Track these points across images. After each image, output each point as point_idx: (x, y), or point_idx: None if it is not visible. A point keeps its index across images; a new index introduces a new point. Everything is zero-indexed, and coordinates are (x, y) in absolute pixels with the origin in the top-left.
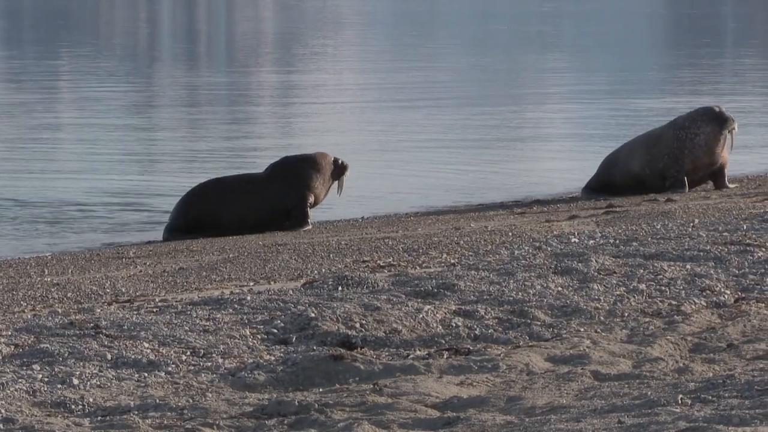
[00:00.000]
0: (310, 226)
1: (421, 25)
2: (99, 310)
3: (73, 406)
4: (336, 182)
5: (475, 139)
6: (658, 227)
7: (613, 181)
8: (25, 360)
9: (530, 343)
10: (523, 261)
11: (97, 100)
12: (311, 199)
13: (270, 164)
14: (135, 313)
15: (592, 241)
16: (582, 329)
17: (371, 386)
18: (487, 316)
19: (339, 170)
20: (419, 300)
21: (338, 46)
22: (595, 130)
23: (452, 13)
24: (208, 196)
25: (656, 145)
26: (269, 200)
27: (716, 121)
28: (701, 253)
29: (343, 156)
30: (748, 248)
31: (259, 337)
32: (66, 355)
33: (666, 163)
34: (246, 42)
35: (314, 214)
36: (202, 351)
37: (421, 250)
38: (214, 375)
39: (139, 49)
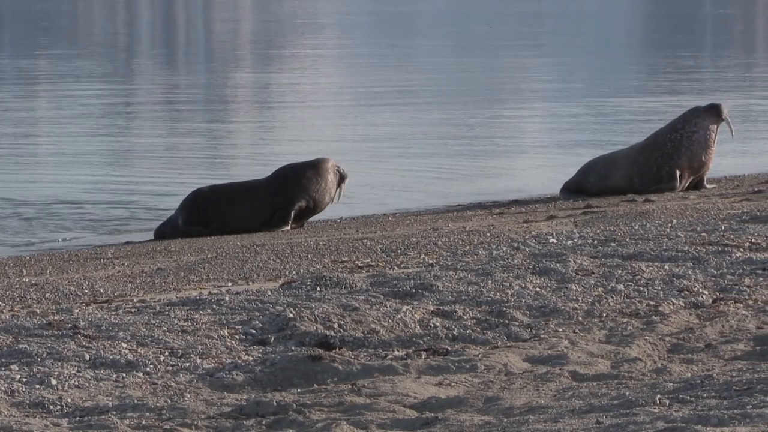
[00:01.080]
0: (288, 227)
1: (401, 26)
2: (77, 311)
3: (51, 407)
4: (338, 190)
5: (454, 140)
6: (637, 228)
7: (586, 189)
8: (3, 360)
9: (508, 344)
10: (501, 261)
11: (74, 98)
12: (303, 204)
13: (273, 171)
14: (113, 313)
15: (570, 242)
16: (560, 330)
17: (349, 387)
18: (465, 317)
19: (339, 178)
20: (397, 300)
21: (316, 46)
22: (573, 129)
23: (433, 13)
24: (211, 202)
25: (644, 152)
26: (270, 207)
27: (710, 113)
28: (679, 254)
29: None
30: (726, 249)
31: (238, 337)
32: (44, 355)
33: (659, 163)
34: (224, 42)
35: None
36: (180, 351)
37: (399, 251)
38: (193, 375)
39: (118, 50)
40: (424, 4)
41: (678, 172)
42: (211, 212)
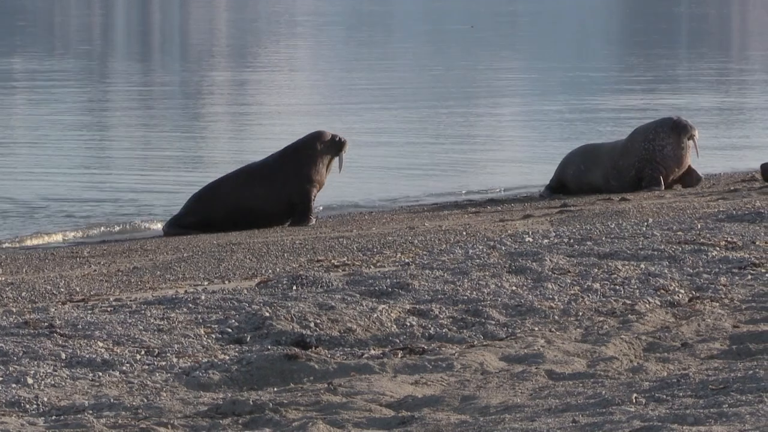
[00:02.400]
0: (314, 221)
1: (378, 25)
2: (53, 310)
3: (27, 406)
4: (336, 158)
5: (433, 138)
6: (613, 226)
7: (566, 185)
8: None
9: (485, 343)
10: (477, 260)
11: (51, 97)
12: (315, 192)
13: (271, 155)
14: (89, 312)
15: (546, 241)
16: (536, 328)
17: (326, 385)
18: (441, 316)
19: (337, 146)
20: (374, 299)
21: (293, 45)
22: (550, 128)
23: (407, 12)
24: (217, 194)
25: (623, 158)
26: (272, 194)
27: (676, 131)
28: (655, 253)
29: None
30: (702, 247)
31: (214, 336)
32: (20, 354)
33: (638, 167)
34: (201, 41)
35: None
36: (156, 350)
37: (375, 250)
38: (169, 374)
39: (94, 48)
40: (399, 4)
41: (660, 176)
42: (219, 197)
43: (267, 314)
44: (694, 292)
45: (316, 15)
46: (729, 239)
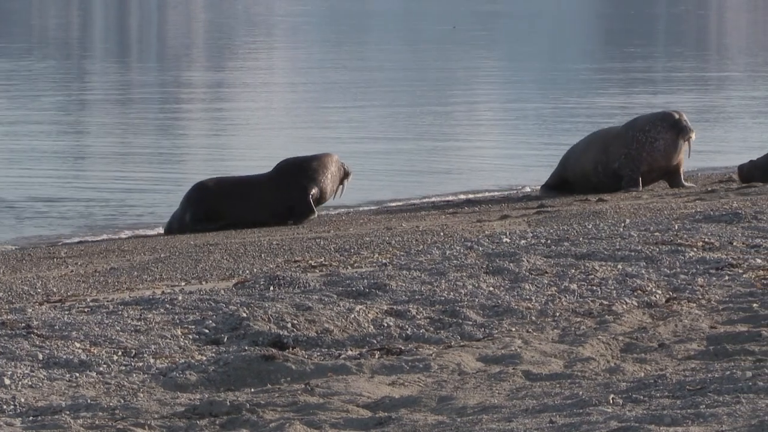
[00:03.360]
0: (315, 215)
1: (357, 24)
2: (30, 310)
3: (4, 406)
4: (340, 185)
5: (410, 139)
6: (590, 227)
7: (567, 179)
8: None
9: (462, 343)
10: (454, 261)
11: (28, 96)
12: (315, 191)
13: (276, 165)
14: (66, 313)
15: (523, 241)
16: (513, 329)
17: (303, 386)
18: (418, 316)
19: (343, 174)
20: (351, 300)
21: (271, 44)
22: (530, 129)
23: (386, 12)
24: (214, 195)
25: (613, 144)
26: (276, 200)
27: (675, 129)
28: (632, 253)
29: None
30: (679, 248)
31: (191, 337)
32: None
33: (622, 162)
34: (178, 41)
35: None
36: (133, 351)
37: (352, 250)
38: (146, 375)
39: (72, 48)
40: (377, 3)
41: (638, 177)
42: (217, 207)
43: (244, 315)
44: (671, 293)
45: (295, 15)
46: (706, 240)
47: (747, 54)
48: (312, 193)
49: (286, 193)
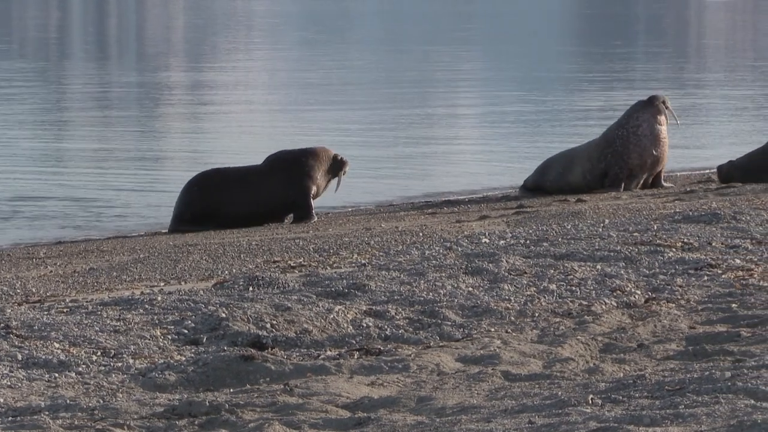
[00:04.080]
0: (315, 219)
1: (336, 25)
2: (9, 311)
3: None
4: (335, 178)
5: (389, 139)
6: (569, 227)
7: (544, 187)
8: None
9: (441, 344)
10: (433, 261)
11: (5, 96)
12: (314, 191)
13: (268, 156)
14: (45, 313)
15: (502, 242)
16: (492, 329)
17: (282, 386)
18: (397, 317)
19: (338, 165)
20: (330, 300)
21: (249, 45)
22: (508, 129)
23: (366, 12)
24: (209, 187)
25: (596, 150)
26: (271, 193)
27: (648, 105)
28: (612, 254)
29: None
30: (658, 248)
31: (170, 337)
32: None
33: (609, 161)
34: (156, 41)
35: None
36: (112, 351)
37: (331, 251)
38: (125, 375)
39: (50, 48)
40: (356, 3)
41: (623, 179)
42: (213, 198)
43: (223, 315)
44: (650, 293)
45: (273, 16)
46: (685, 240)
47: (726, 54)
48: (312, 193)
49: (280, 186)
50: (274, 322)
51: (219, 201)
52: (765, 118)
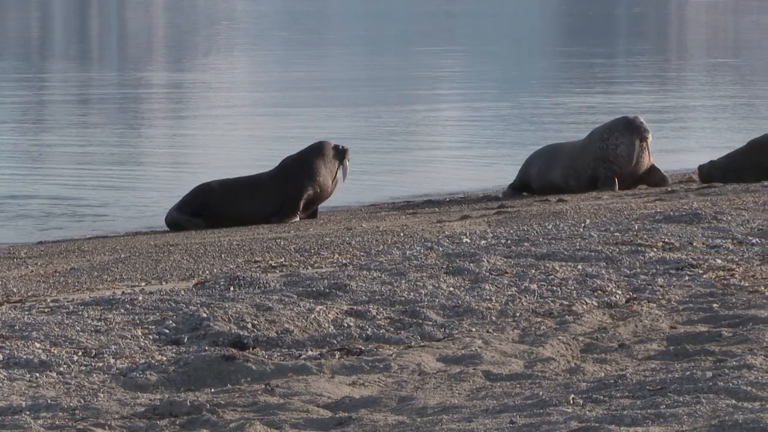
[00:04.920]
0: (297, 219)
1: (319, 25)
2: None
3: None
4: (340, 168)
5: (369, 139)
6: (550, 227)
7: (529, 183)
8: None
9: (422, 343)
10: (414, 261)
11: None
12: (310, 192)
13: (276, 165)
14: (26, 313)
15: (483, 242)
16: (474, 329)
17: (263, 386)
18: (378, 317)
19: (339, 155)
20: (311, 300)
21: (230, 46)
22: (488, 129)
23: (346, 12)
24: (216, 197)
25: (580, 157)
26: (275, 201)
27: (629, 131)
28: (593, 254)
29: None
30: (639, 248)
31: (151, 337)
32: None
33: (594, 166)
34: (137, 42)
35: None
36: (93, 351)
37: (312, 251)
38: (106, 375)
39: (31, 48)
40: (335, 3)
41: (613, 176)
42: (218, 207)
43: (204, 315)
44: (631, 293)
45: (255, 16)
46: (666, 240)
47: (706, 54)
48: (308, 195)
49: (284, 190)
50: (255, 322)
51: (224, 211)
52: (745, 118)
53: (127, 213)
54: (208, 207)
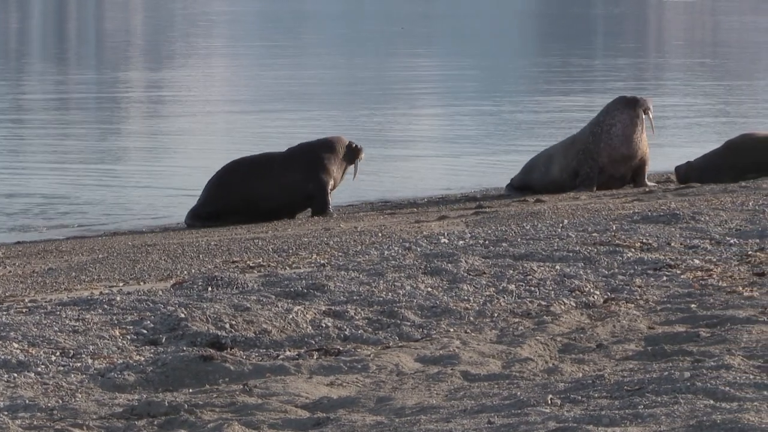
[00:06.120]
0: (333, 214)
1: (299, 25)
2: None
3: None
4: (351, 166)
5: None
6: (528, 228)
7: (531, 186)
8: None
9: (400, 344)
10: (392, 261)
11: None
12: (331, 184)
13: (288, 149)
14: (4, 313)
15: (461, 242)
16: (452, 329)
17: (241, 387)
18: (357, 317)
19: (353, 153)
20: (289, 300)
21: (208, 47)
22: (466, 130)
23: (325, 13)
24: (230, 180)
25: (572, 146)
26: (288, 185)
27: (629, 106)
28: (570, 254)
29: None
30: (617, 249)
31: (129, 337)
32: None
33: (580, 158)
34: (114, 42)
35: None
36: (71, 351)
37: (290, 251)
38: (84, 375)
39: (9, 49)
40: (315, 4)
41: (594, 177)
42: (234, 189)
43: (182, 315)
44: (609, 294)
45: (234, 16)
46: (644, 240)
47: (684, 55)
48: (330, 187)
49: (300, 178)
50: (233, 322)
51: (238, 193)
52: (722, 118)
53: (104, 213)
54: (228, 197)
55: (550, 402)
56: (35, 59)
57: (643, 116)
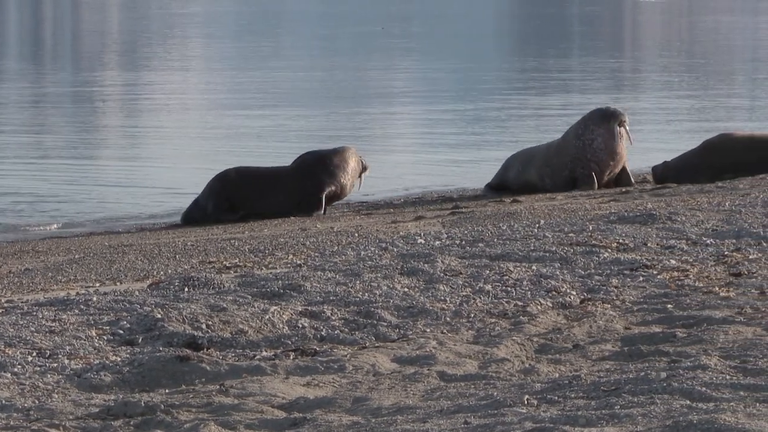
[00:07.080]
0: (321, 211)
1: (279, 26)
2: None
3: None
4: (358, 178)
5: (324, 139)
6: (504, 228)
7: (508, 185)
8: None
9: (376, 344)
10: (369, 262)
11: None
12: (331, 188)
13: (298, 157)
14: None
15: (438, 242)
16: (428, 330)
17: (217, 387)
18: (333, 317)
19: (361, 167)
20: (265, 301)
21: (186, 48)
22: (442, 130)
23: (305, 13)
24: (236, 186)
25: (556, 156)
26: (294, 194)
27: (605, 120)
28: (547, 254)
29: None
30: (593, 249)
31: (105, 337)
32: None
33: (571, 166)
34: (91, 44)
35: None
36: (48, 352)
37: (267, 251)
38: (60, 376)
39: None
40: (294, 4)
41: (591, 172)
42: (240, 197)
43: (159, 316)
44: (585, 294)
45: (213, 16)
46: (620, 241)
47: (661, 55)
48: (329, 189)
49: (304, 184)
50: (210, 322)
51: (245, 200)
52: (699, 119)
53: (79, 213)
54: (234, 199)
55: (526, 402)
56: (10, 57)
57: (619, 129)
